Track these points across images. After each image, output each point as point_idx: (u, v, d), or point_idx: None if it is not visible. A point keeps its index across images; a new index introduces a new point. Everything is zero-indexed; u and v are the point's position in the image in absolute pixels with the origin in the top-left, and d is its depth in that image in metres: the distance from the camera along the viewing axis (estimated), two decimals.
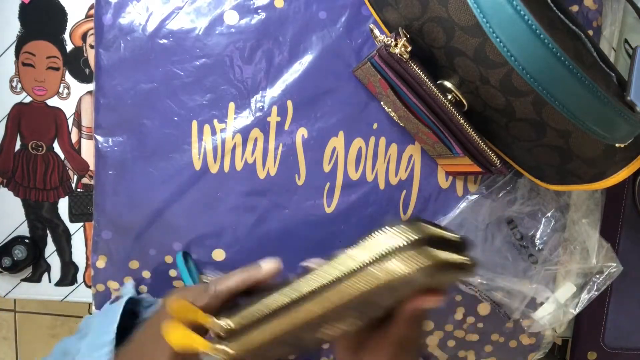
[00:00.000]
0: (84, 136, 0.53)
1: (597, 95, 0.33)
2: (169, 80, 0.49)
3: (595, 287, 0.51)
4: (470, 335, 0.56)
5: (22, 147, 0.53)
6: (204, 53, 0.48)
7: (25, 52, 0.51)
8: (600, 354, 0.56)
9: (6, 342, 1.38)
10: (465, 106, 0.42)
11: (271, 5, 0.48)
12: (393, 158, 0.52)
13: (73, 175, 0.54)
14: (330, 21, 0.49)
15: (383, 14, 0.45)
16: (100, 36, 0.48)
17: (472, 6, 0.33)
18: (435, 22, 0.38)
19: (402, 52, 0.39)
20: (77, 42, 0.52)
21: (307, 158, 0.51)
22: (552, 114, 0.36)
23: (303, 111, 0.50)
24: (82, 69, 0.52)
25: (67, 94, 0.52)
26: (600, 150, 0.38)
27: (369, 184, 0.51)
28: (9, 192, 0.54)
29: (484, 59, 0.36)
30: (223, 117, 0.50)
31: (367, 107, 0.50)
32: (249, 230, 0.51)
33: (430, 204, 0.52)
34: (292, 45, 0.49)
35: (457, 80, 0.41)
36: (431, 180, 0.52)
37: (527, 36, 0.32)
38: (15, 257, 0.54)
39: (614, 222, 0.54)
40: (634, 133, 0.35)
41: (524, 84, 0.35)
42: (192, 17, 0.48)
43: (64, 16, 0.51)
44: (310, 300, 0.33)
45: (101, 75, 0.49)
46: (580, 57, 0.38)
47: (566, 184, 0.44)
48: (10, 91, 0.52)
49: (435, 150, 0.48)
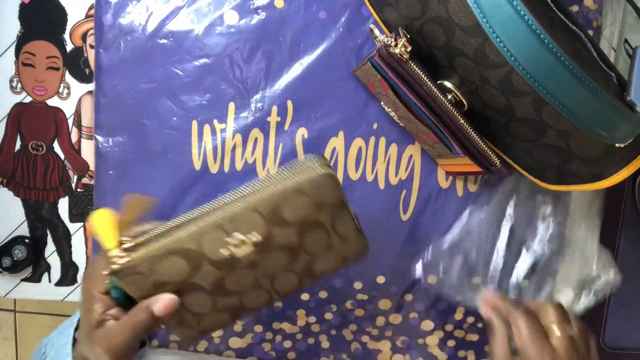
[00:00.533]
0: (84, 136, 0.53)
1: (597, 95, 0.33)
2: (169, 80, 0.49)
3: (593, 294, 0.51)
4: (470, 335, 0.56)
5: (22, 147, 0.53)
6: (204, 53, 0.49)
7: (25, 52, 0.51)
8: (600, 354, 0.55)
9: (6, 342, 1.38)
10: (465, 106, 0.42)
11: (271, 5, 0.48)
12: (393, 158, 0.52)
13: (73, 175, 0.54)
14: (330, 21, 0.49)
15: (383, 14, 0.45)
16: (100, 36, 0.48)
17: (472, 6, 0.33)
18: (435, 22, 0.38)
19: (402, 52, 0.39)
20: (77, 42, 0.52)
21: None
22: (552, 114, 0.36)
23: (303, 111, 0.50)
24: (82, 69, 0.52)
25: (67, 94, 0.52)
26: (600, 150, 0.38)
27: (369, 184, 0.51)
28: (9, 192, 0.54)
29: (484, 59, 0.36)
30: (223, 117, 0.50)
31: (367, 107, 0.50)
32: None
33: (430, 203, 0.52)
34: (292, 45, 0.49)
35: (457, 80, 0.41)
36: (431, 180, 0.52)
37: (527, 36, 0.32)
38: (15, 257, 0.54)
39: (614, 222, 0.54)
40: (634, 133, 0.35)
41: (524, 84, 0.35)
42: (192, 17, 0.48)
43: (64, 16, 0.51)
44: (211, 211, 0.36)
45: (101, 75, 0.49)
46: (580, 57, 0.38)
47: (566, 184, 0.44)
48: (10, 91, 0.52)
49: (435, 150, 0.48)
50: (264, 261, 0.38)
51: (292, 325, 0.54)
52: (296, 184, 0.36)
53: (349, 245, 0.40)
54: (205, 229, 0.36)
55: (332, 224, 0.38)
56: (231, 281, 0.38)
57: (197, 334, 0.41)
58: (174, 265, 0.36)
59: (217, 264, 0.37)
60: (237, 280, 0.38)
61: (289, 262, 0.39)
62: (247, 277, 0.38)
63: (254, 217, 0.36)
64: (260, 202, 0.36)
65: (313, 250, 0.39)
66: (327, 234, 0.39)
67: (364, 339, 0.55)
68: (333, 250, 0.40)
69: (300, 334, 0.55)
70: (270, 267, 0.38)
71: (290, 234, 0.37)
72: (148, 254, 0.35)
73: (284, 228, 0.37)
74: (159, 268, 0.36)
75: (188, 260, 0.36)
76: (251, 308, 0.40)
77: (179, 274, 0.36)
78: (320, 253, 0.39)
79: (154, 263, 0.35)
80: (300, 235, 0.38)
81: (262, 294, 0.40)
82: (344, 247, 0.40)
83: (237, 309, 0.40)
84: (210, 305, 0.38)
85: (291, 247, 0.38)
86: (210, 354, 0.55)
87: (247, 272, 0.38)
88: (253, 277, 0.38)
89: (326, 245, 0.39)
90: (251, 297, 0.39)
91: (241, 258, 0.37)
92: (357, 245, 0.41)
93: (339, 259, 0.40)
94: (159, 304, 0.36)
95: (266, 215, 0.36)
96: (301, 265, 0.39)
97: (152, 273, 0.36)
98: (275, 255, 0.38)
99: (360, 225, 0.41)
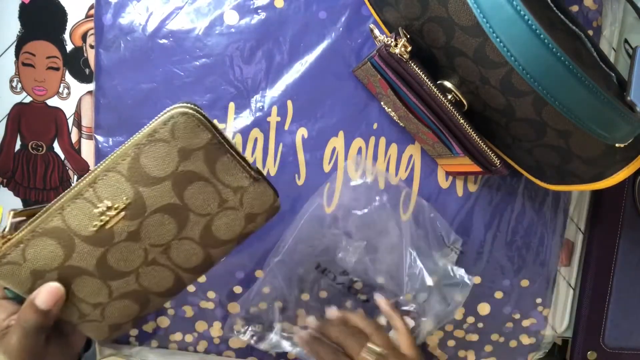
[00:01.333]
0: (84, 136, 0.53)
1: (597, 95, 0.33)
2: (169, 80, 0.49)
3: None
4: (470, 335, 0.56)
5: (22, 147, 0.53)
6: (204, 53, 0.48)
7: (25, 52, 0.51)
8: (600, 354, 0.56)
9: None
10: (465, 106, 0.42)
11: (271, 5, 0.48)
12: (393, 158, 0.52)
13: (73, 175, 0.54)
14: (330, 21, 0.49)
15: (383, 14, 0.45)
16: (100, 36, 0.48)
17: (472, 6, 0.33)
18: (435, 22, 0.38)
19: (402, 52, 0.39)
20: (77, 42, 0.52)
21: (307, 158, 0.51)
22: (552, 114, 0.36)
23: (303, 111, 0.50)
24: (82, 69, 0.52)
25: (67, 94, 0.52)
26: (600, 150, 0.38)
27: (369, 184, 0.51)
28: (9, 192, 0.54)
29: (484, 59, 0.36)
30: (223, 117, 0.50)
31: (367, 107, 0.50)
32: None
33: (430, 203, 0.52)
34: (292, 45, 0.49)
35: (457, 80, 0.41)
36: (431, 180, 0.52)
37: (527, 36, 0.32)
38: None
39: (614, 222, 0.54)
40: (634, 133, 0.35)
41: (524, 84, 0.35)
42: (192, 17, 0.48)
43: (64, 16, 0.51)
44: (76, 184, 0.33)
45: (101, 75, 0.49)
46: (580, 57, 0.38)
47: (566, 184, 0.44)
48: (10, 91, 0.52)
49: (435, 150, 0.48)
50: (146, 229, 0.34)
51: (292, 325, 0.54)
52: (148, 130, 0.33)
53: (248, 198, 0.35)
54: (66, 202, 0.33)
55: (213, 173, 0.34)
56: (116, 258, 0.34)
57: (109, 331, 0.37)
58: (45, 249, 0.33)
59: (91, 240, 0.33)
60: (124, 257, 0.34)
61: (178, 228, 0.34)
62: (133, 251, 0.34)
63: (116, 179, 0.33)
64: (116, 160, 0.33)
65: (203, 210, 0.35)
66: (213, 187, 0.34)
67: None
68: (231, 209, 0.35)
69: None
70: (157, 236, 0.34)
71: (163, 192, 0.33)
72: (15, 240, 0.33)
73: (153, 186, 0.33)
74: (30, 254, 0.33)
75: (58, 240, 0.33)
76: (158, 292, 0.36)
77: (54, 258, 0.33)
78: (215, 213, 0.35)
79: (23, 249, 0.33)
80: (177, 192, 0.33)
81: (164, 273, 0.36)
82: (244, 201, 0.35)
83: (140, 294, 0.36)
84: (106, 292, 0.35)
85: (172, 208, 0.34)
86: (210, 354, 0.55)
87: (131, 246, 0.34)
88: (141, 251, 0.34)
89: (219, 203, 0.35)
90: (152, 278, 0.36)
91: (115, 229, 0.33)
92: (261, 197, 0.36)
93: (242, 217, 0.36)
94: (41, 295, 0.33)
95: (126, 174, 0.33)
96: (198, 231, 0.35)
97: (25, 260, 0.33)
98: (155, 219, 0.34)
99: (260, 171, 0.36)
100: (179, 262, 0.36)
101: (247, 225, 0.36)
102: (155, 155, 0.33)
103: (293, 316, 0.53)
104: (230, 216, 0.36)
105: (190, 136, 0.33)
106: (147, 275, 0.35)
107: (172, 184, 0.33)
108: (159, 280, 0.36)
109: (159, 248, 0.35)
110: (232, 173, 0.35)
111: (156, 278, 0.36)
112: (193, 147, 0.33)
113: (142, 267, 0.35)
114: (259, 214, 0.37)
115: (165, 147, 0.33)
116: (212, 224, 0.35)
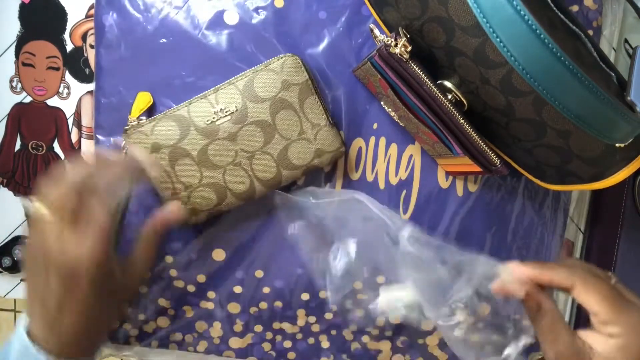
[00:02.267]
0: (84, 136, 0.53)
1: (597, 95, 0.33)
2: (169, 80, 0.48)
3: None
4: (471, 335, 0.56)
5: (22, 147, 0.53)
6: (204, 53, 0.48)
7: (25, 52, 0.51)
8: None
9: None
10: (466, 106, 0.42)
11: (271, 5, 0.48)
12: (393, 158, 0.52)
13: None
14: (330, 21, 0.49)
15: (383, 14, 0.45)
16: (101, 36, 0.48)
17: (472, 6, 0.33)
18: (435, 22, 0.38)
19: (402, 52, 0.39)
20: (77, 42, 0.52)
21: None
22: (552, 114, 0.36)
23: None
24: (82, 69, 0.52)
25: (67, 94, 0.52)
26: (600, 150, 0.38)
27: (369, 184, 0.51)
28: (9, 192, 0.54)
29: (484, 59, 0.36)
30: None
31: (367, 107, 0.50)
32: (248, 230, 0.51)
33: (430, 203, 0.52)
34: (292, 45, 0.49)
35: (457, 80, 0.41)
36: (431, 180, 0.52)
37: (527, 36, 0.32)
38: (15, 257, 0.54)
39: (614, 222, 0.54)
40: (634, 133, 0.36)
41: (524, 84, 0.35)
42: (192, 17, 0.48)
43: (64, 16, 0.51)
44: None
45: (101, 75, 0.49)
46: (580, 57, 0.38)
47: (566, 184, 0.44)
48: (10, 91, 0.52)
49: (435, 150, 0.48)
50: (242, 135, 0.43)
51: (292, 325, 0.54)
52: (266, 63, 0.44)
53: (321, 136, 0.45)
54: (194, 100, 0.44)
55: (301, 107, 0.44)
56: (214, 152, 0.43)
57: (188, 214, 0.45)
58: (167, 129, 0.43)
59: (202, 131, 0.43)
60: (219, 152, 0.43)
61: (264, 142, 0.44)
62: (228, 149, 0.43)
63: (233, 91, 0.43)
64: (238, 78, 0.44)
65: (286, 133, 0.44)
66: (298, 118, 0.44)
67: (364, 339, 0.55)
68: (306, 140, 0.44)
69: (300, 334, 0.55)
70: (248, 143, 0.43)
71: (262, 110, 0.43)
72: (151, 120, 0.44)
73: (257, 103, 0.43)
74: (157, 129, 0.43)
75: (179, 125, 0.43)
76: (235, 192, 0.45)
77: (171, 137, 0.43)
78: (294, 140, 0.44)
79: (154, 125, 0.44)
80: (272, 112, 0.43)
81: (243, 177, 0.44)
82: (317, 137, 0.44)
83: (221, 188, 0.44)
84: (198, 177, 0.44)
85: (264, 125, 0.43)
86: (210, 354, 0.55)
87: (227, 145, 0.43)
88: (233, 152, 0.44)
89: (299, 132, 0.44)
90: (234, 177, 0.44)
91: (221, 127, 0.43)
92: (331, 138, 0.45)
93: (313, 150, 0.45)
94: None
95: (241, 89, 0.43)
96: (278, 150, 0.44)
97: (152, 134, 0.43)
98: (250, 130, 0.43)
99: (335, 122, 0.46)
100: (256, 171, 0.44)
101: (314, 158, 0.45)
102: (265, 81, 0.43)
103: (293, 316, 0.53)
104: (304, 146, 0.44)
105: (293, 73, 0.43)
106: (231, 173, 0.44)
107: (270, 105, 0.43)
108: (237, 181, 0.44)
109: (246, 154, 0.44)
110: (315, 111, 0.44)
111: (237, 178, 0.44)
112: (293, 82, 0.43)
113: (229, 166, 0.44)
114: (327, 152, 0.45)
115: (273, 76, 0.43)
116: (289, 147, 0.44)
